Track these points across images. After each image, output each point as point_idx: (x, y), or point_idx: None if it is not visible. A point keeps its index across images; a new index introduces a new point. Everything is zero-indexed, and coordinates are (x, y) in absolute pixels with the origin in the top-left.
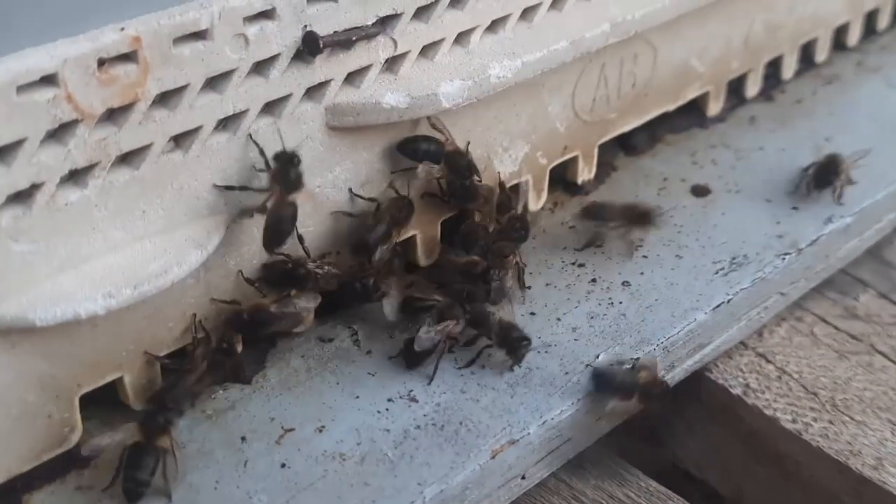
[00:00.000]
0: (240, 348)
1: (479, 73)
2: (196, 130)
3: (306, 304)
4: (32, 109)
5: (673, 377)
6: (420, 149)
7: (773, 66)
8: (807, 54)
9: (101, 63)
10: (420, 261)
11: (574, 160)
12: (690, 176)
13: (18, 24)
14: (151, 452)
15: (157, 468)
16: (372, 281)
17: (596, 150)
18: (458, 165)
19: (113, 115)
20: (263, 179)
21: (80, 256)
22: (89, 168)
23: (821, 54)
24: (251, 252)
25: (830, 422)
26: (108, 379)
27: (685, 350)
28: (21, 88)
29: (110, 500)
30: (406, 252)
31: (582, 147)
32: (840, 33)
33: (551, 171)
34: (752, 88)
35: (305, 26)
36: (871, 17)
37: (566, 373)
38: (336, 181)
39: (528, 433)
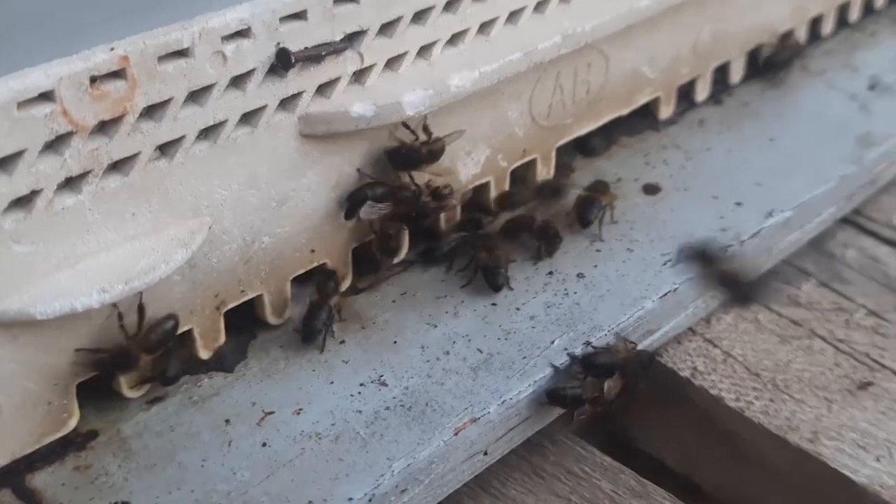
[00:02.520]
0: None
1: (440, 83)
2: (180, 140)
3: None
4: (31, 123)
5: None
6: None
7: (722, 72)
8: (754, 59)
9: (93, 80)
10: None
11: (533, 162)
12: (643, 175)
13: (18, 46)
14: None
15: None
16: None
17: (554, 153)
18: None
19: (104, 127)
20: None
21: (75, 256)
22: (83, 175)
23: None
24: (232, 250)
25: (771, 400)
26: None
27: (635, 335)
28: (21, 104)
29: (106, 477)
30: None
31: (540, 150)
32: (786, 39)
33: (512, 172)
34: (702, 93)
35: (278, 43)
36: (815, 23)
37: (524, 357)
38: (310, 184)
39: (489, 412)
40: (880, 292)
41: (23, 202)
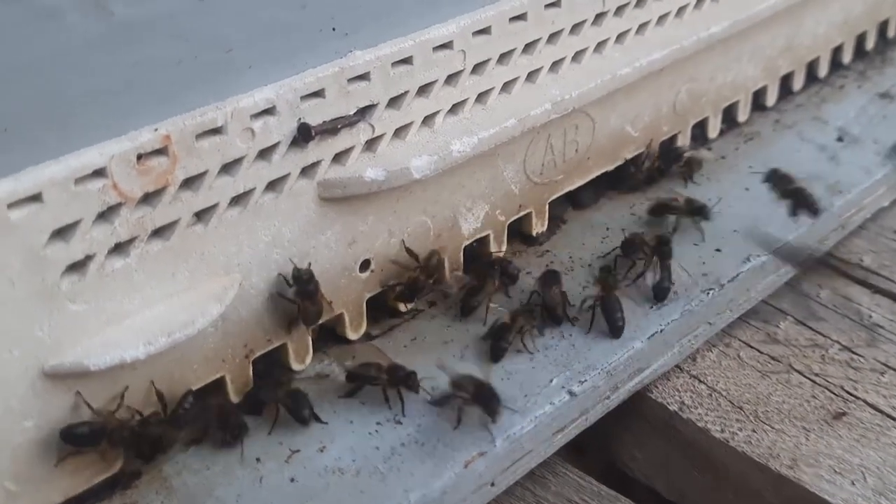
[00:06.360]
0: None
1: (443, 149)
2: (214, 207)
3: None
4: (86, 197)
5: (617, 397)
6: None
7: (700, 127)
8: (730, 115)
9: (140, 157)
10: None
11: (529, 216)
12: (629, 226)
13: (74, 129)
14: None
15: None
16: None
17: (547, 207)
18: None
19: (148, 198)
20: None
21: (123, 312)
22: (130, 241)
23: (742, 115)
24: (259, 303)
25: (753, 430)
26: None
27: (626, 373)
28: (77, 180)
29: None
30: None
31: (534, 204)
32: (759, 95)
33: (509, 226)
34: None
35: (299, 119)
36: (786, 80)
37: (525, 395)
38: (328, 242)
39: (495, 446)
40: (852, 329)
41: (78, 266)
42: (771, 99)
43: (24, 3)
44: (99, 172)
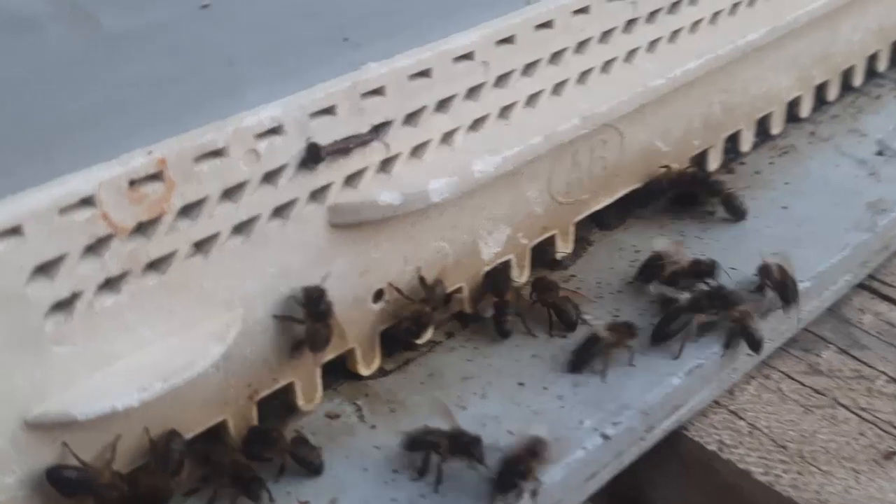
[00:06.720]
0: None
1: (464, 169)
2: (215, 236)
3: None
4: (72, 228)
5: (653, 437)
6: None
7: (733, 141)
8: (763, 127)
9: (132, 183)
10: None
11: (553, 238)
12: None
13: (58, 153)
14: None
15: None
16: None
17: (572, 228)
18: None
19: (142, 228)
20: None
21: (114, 355)
22: (122, 276)
23: (776, 127)
24: (265, 340)
25: (799, 472)
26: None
27: (663, 412)
28: (62, 210)
29: None
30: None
31: (559, 226)
32: (793, 106)
33: (532, 249)
34: (714, 163)
35: (308, 138)
36: (821, 90)
37: (555, 439)
38: (339, 271)
39: (523, 497)
40: None
41: (63, 305)
42: (805, 110)
43: None
44: (86, 201)
